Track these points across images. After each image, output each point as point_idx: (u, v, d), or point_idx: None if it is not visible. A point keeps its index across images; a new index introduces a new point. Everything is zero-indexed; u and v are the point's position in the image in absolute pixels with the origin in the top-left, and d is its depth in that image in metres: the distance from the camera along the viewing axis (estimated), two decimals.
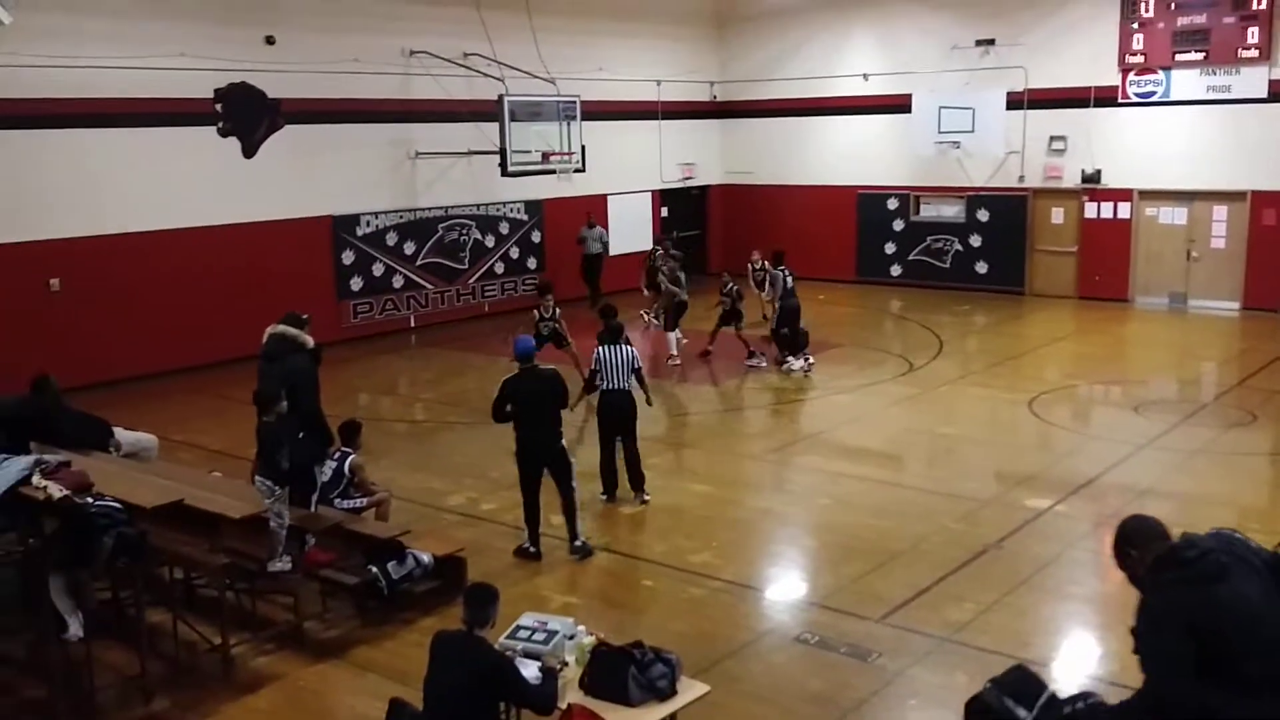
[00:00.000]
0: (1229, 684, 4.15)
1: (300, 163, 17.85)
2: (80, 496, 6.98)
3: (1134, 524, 4.65)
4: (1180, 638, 4.20)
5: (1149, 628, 4.34)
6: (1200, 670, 4.18)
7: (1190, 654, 4.18)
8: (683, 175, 24.98)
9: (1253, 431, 12.90)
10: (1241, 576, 4.25)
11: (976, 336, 19.16)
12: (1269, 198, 19.51)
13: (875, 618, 8.05)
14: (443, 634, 5.53)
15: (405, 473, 11.35)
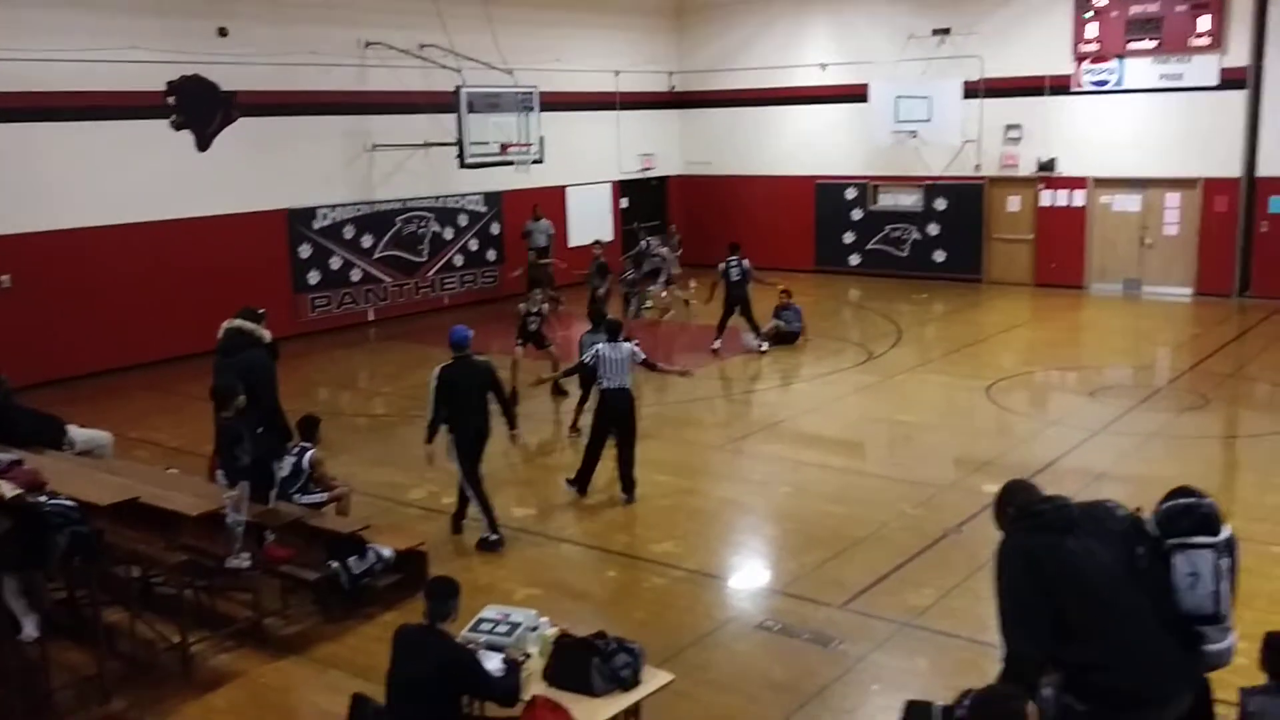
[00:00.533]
0: (1068, 634, 4.37)
1: (255, 156, 17.65)
2: (33, 495, 6.87)
3: (1013, 484, 5.02)
4: (1036, 594, 4.45)
5: (997, 571, 4.65)
6: (1056, 632, 4.37)
7: (1047, 612, 4.39)
8: (642, 166, 24.97)
9: (1205, 415, 13.11)
10: (1092, 535, 4.51)
11: (935, 324, 19.31)
12: (1220, 185, 19.81)
13: (837, 604, 8.11)
14: (405, 628, 5.51)
15: (366, 467, 11.28)
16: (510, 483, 11.22)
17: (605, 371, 10.19)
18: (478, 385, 9.42)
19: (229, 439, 7.86)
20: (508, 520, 10.05)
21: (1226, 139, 19.57)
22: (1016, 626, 4.46)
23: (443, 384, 9.30)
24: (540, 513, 10.28)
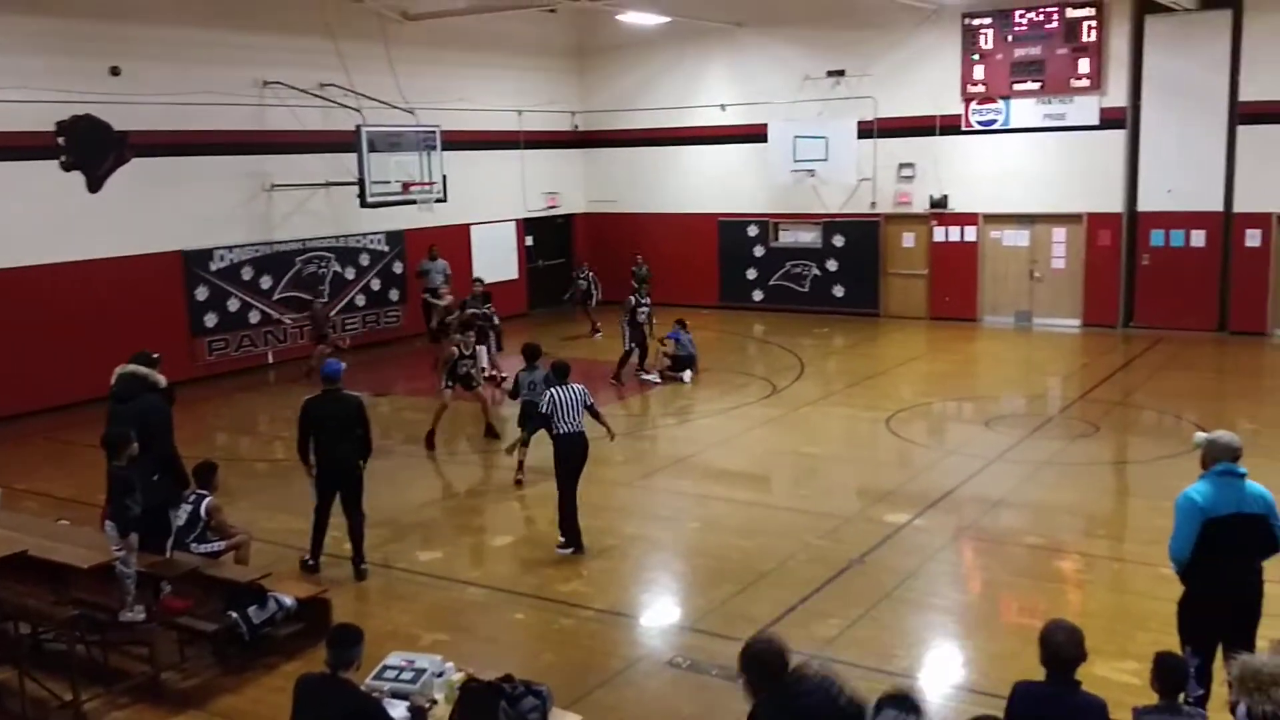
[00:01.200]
0: None
1: (149, 197, 17.26)
2: None
3: (758, 649, 4.71)
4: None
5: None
6: None
7: None
8: (547, 204, 25.04)
9: (1096, 442, 13.55)
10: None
11: (836, 358, 19.67)
12: (1103, 219, 20.60)
13: (746, 638, 8.13)
14: (306, 678, 5.39)
15: (266, 513, 11.03)
16: (416, 526, 11.08)
17: (560, 416, 9.93)
18: (342, 420, 9.48)
19: (120, 488, 7.63)
20: (413, 565, 9.93)
21: (1108, 176, 20.40)
22: None
23: (305, 416, 9.53)
24: (446, 556, 10.17)
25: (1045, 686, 4.79)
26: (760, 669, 4.50)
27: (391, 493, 12.29)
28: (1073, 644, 4.78)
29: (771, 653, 4.54)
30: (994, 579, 9.44)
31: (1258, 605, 6.17)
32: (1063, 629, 4.83)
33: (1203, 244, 19.88)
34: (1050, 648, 4.80)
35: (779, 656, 4.53)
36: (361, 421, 9.59)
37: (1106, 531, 10.66)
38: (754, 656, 4.53)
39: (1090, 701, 4.76)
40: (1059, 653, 4.78)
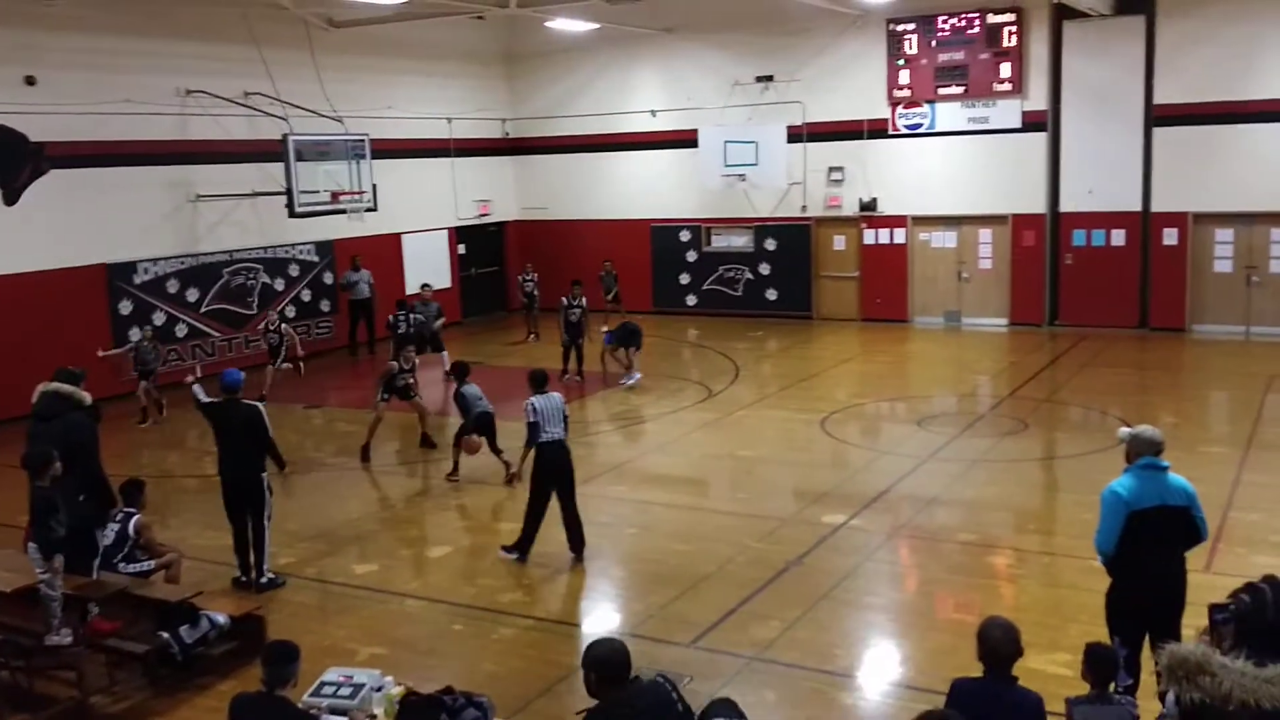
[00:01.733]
0: None
1: (69, 209, 16.86)
2: None
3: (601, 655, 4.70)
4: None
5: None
6: None
7: None
8: (479, 212, 24.92)
9: (1025, 439, 13.81)
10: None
11: (770, 361, 19.81)
12: (1028, 220, 21.02)
13: (686, 642, 8.18)
14: (241, 697, 5.30)
15: (197, 531, 10.82)
16: (351, 539, 10.95)
17: (544, 424, 9.73)
18: (237, 428, 9.45)
19: (44, 509, 7.43)
20: (349, 578, 9.81)
21: (1031, 177, 20.83)
22: None
23: (213, 426, 9.65)
24: (382, 568, 10.05)
25: (983, 683, 4.86)
26: (603, 670, 4.54)
27: (326, 505, 12.14)
28: (1009, 641, 4.86)
29: (616, 656, 4.59)
30: (929, 576, 9.57)
31: (1182, 595, 6.33)
32: (999, 626, 4.91)
33: (1123, 243, 20.37)
34: (987, 645, 4.87)
35: (623, 660, 4.58)
36: (259, 431, 9.50)
37: (1037, 526, 10.87)
38: (598, 659, 4.57)
39: (1027, 696, 4.84)
40: (996, 650, 4.85)
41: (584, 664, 4.61)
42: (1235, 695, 3.25)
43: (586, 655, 4.62)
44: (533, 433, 9.74)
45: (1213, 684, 3.30)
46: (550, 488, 9.81)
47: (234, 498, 9.57)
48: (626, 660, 4.59)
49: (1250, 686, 3.24)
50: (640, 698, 4.53)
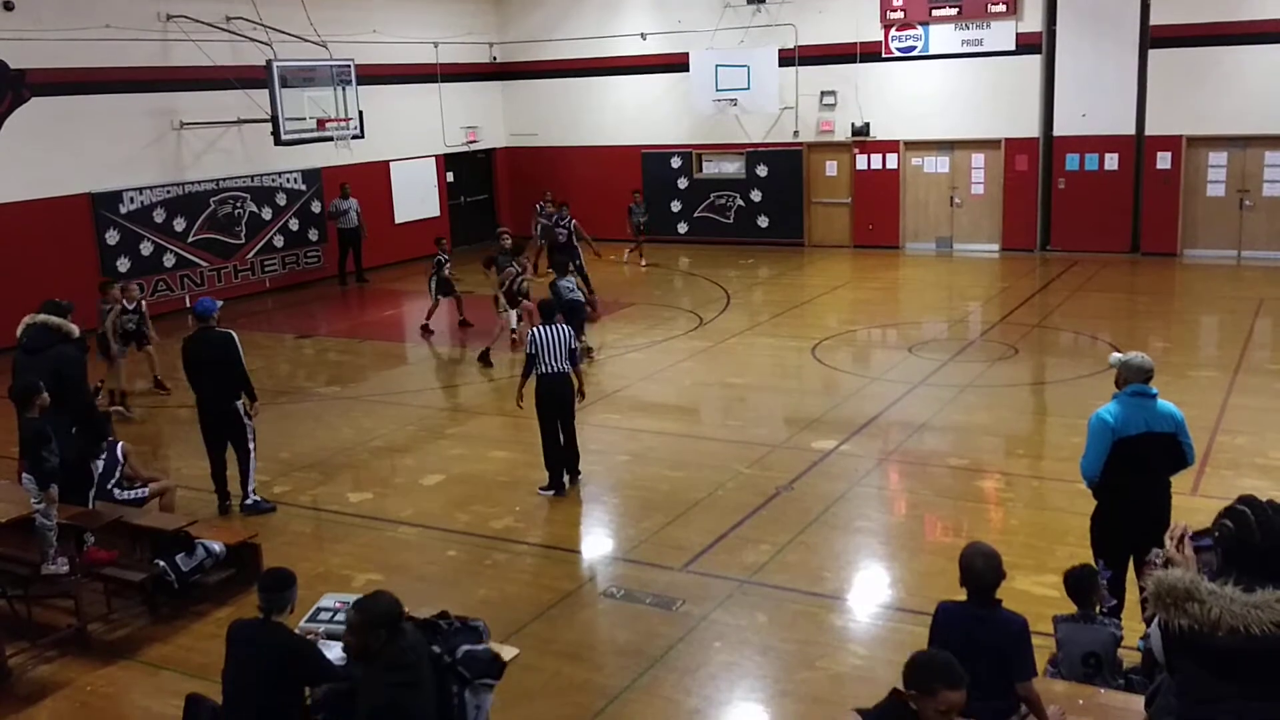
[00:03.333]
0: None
1: (52, 138, 16.63)
2: None
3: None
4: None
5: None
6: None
7: None
8: (467, 139, 24.64)
9: (1015, 364, 13.86)
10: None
11: (761, 288, 19.78)
12: (1020, 145, 20.87)
13: (678, 567, 8.27)
14: (239, 623, 5.36)
15: (192, 460, 10.83)
16: (345, 467, 11.00)
17: (543, 355, 9.68)
18: (212, 359, 9.43)
19: (35, 440, 7.44)
20: (343, 506, 9.88)
21: (1025, 101, 20.63)
22: None
23: (184, 355, 9.60)
24: (376, 496, 10.12)
25: (967, 607, 4.91)
26: (391, 621, 4.81)
27: (319, 435, 12.17)
28: (990, 569, 4.89)
29: (398, 606, 4.88)
30: (918, 500, 9.66)
31: (1166, 519, 6.39)
32: (981, 554, 4.93)
33: (1116, 167, 20.25)
34: (970, 573, 4.90)
35: (398, 610, 4.87)
36: (231, 359, 9.45)
37: (1026, 451, 10.95)
38: (387, 613, 4.83)
39: (1010, 618, 4.91)
40: (980, 577, 4.89)
41: (370, 622, 4.78)
42: (1224, 621, 3.28)
43: (370, 611, 4.82)
44: (528, 363, 9.74)
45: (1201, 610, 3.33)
46: (550, 417, 9.83)
47: (211, 427, 9.61)
48: (401, 610, 4.91)
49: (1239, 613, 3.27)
50: (414, 649, 4.88)
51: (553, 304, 10.22)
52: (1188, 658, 3.44)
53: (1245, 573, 3.37)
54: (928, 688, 3.98)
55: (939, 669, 4.04)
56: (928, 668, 4.06)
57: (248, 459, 9.61)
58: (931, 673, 4.03)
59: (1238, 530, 3.45)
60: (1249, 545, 3.43)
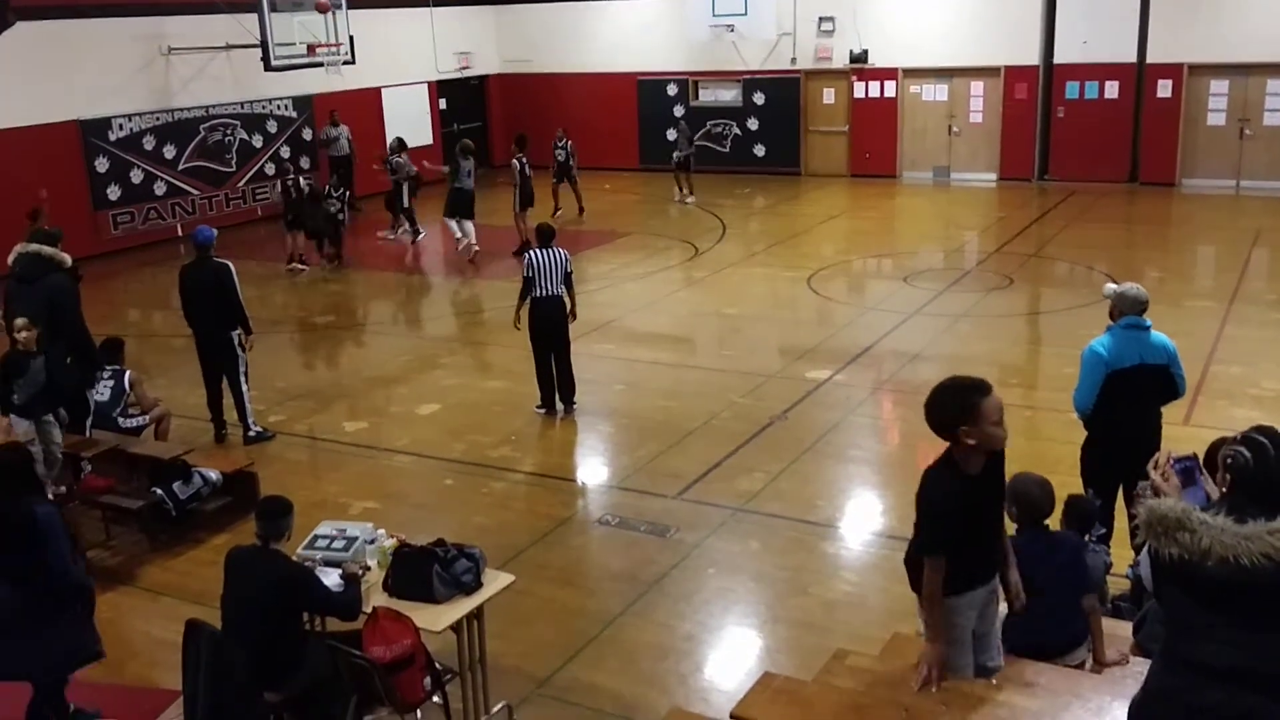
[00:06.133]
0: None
1: (37, 64, 16.37)
2: None
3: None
4: None
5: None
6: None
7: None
8: (459, 65, 24.29)
9: (1010, 294, 13.85)
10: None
11: (757, 218, 19.67)
12: (1020, 73, 20.63)
13: (672, 494, 8.33)
14: (237, 550, 5.39)
15: (186, 389, 10.83)
16: (340, 397, 11.02)
17: (539, 278, 9.63)
18: (206, 288, 9.40)
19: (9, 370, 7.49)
20: (339, 435, 9.92)
21: (1025, 28, 20.34)
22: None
23: (180, 284, 9.63)
24: (372, 426, 10.15)
25: (1023, 538, 4.90)
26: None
27: (313, 364, 12.17)
28: (1047, 495, 4.96)
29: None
30: (912, 430, 9.68)
31: (1156, 447, 6.43)
32: (1036, 483, 4.94)
33: (1116, 96, 20.05)
34: (1026, 502, 4.91)
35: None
36: (227, 289, 9.39)
37: (1019, 380, 10.98)
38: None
39: (1066, 537, 5.04)
40: (1037, 507, 4.93)
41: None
42: (1215, 551, 3.30)
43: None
44: (525, 286, 9.71)
45: (1192, 540, 3.35)
46: (544, 341, 9.84)
47: (207, 356, 9.62)
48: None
49: (1229, 543, 3.29)
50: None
51: (550, 228, 10.13)
52: (1176, 586, 3.47)
53: (1254, 501, 3.37)
54: (969, 406, 4.07)
55: (963, 385, 4.16)
56: (954, 391, 4.18)
57: (240, 390, 9.62)
58: (961, 392, 4.15)
59: (1256, 460, 3.43)
60: (1265, 476, 3.41)
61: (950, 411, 4.11)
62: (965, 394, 4.07)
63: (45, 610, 5.19)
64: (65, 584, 5.23)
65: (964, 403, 4.05)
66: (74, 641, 5.32)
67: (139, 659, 6.51)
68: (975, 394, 4.06)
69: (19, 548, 5.12)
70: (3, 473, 5.25)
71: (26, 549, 5.11)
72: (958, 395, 4.11)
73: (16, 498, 5.20)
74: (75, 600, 5.33)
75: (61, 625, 5.26)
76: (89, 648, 5.39)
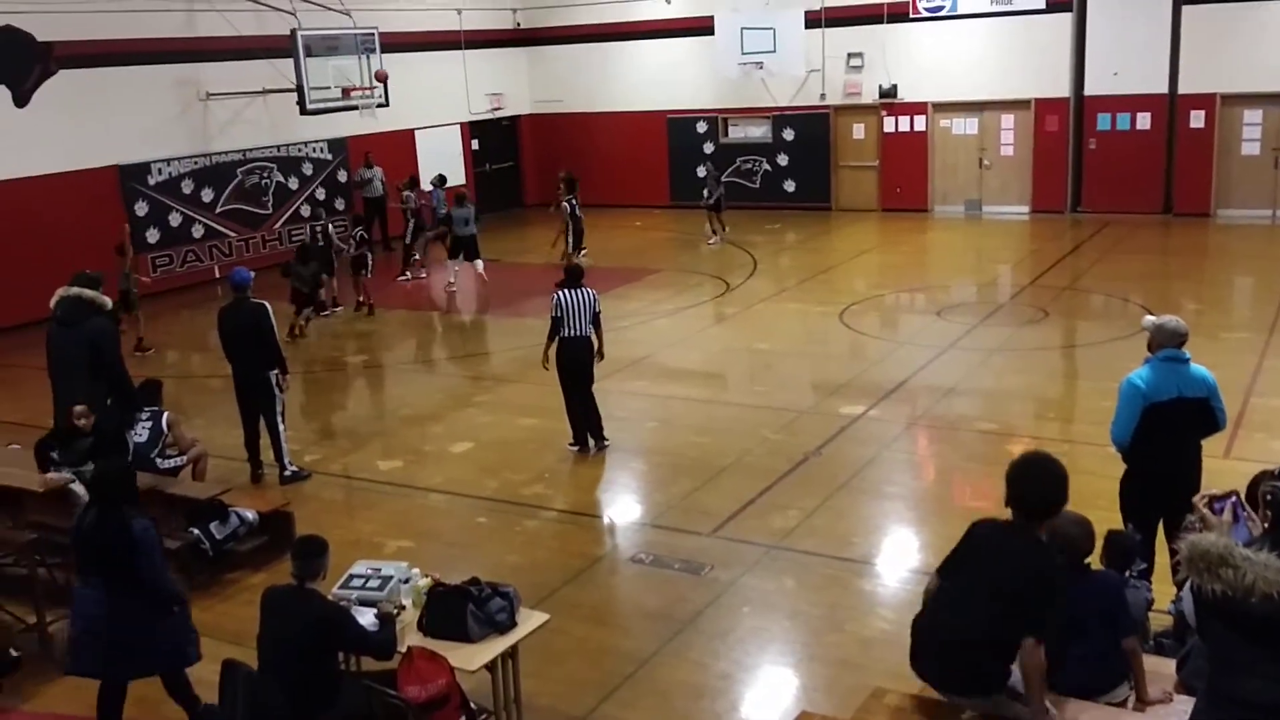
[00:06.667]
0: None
1: (80, 110, 16.70)
2: None
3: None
4: None
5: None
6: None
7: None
8: (491, 106, 24.56)
9: (1045, 327, 13.75)
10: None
11: (788, 253, 19.68)
12: (1051, 105, 20.59)
13: (706, 532, 8.30)
14: (273, 590, 5.42)
15: (223, 429, 10.93)
16: (374, 436, 11.09)
17: (567, 318, 9.68)
18: (244, 329, 9.53)
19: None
20: (374, 474, 9.96)
21: (1055, 61, 20.33)
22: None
23: (219, 326, 9.77)
24: (406, 464, 10.19)
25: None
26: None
27: (348, 403, 12.26)
28: (1087, 535, 4.93)
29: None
30: (947, 465, 9.63)
31: (1197, 482, 6.34)
32: (1075, 522, 4.90)
33: (1148, 126, 19.96)
34: (1066, 542, 4.86)
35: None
36: (264, 330, 9.50)
37: (1056, 414, 10.88)
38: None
39: (1107, 577, 5.01)
40: (1077, 546, 4.89)
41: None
42: (1258, 588, 3.26)
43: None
44: (553, 326, 9.74)
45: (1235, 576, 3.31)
46: (571, 381, 9.87)
47: (244, 395, 9.73)
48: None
49: (1273, 579, 3.24)
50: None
51: (578, 268, 10.17)
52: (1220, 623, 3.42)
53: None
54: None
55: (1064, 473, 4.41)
56: (1062, 476, 4.45)
57: (276, 430, 9.69)
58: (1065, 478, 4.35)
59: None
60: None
61: (1063, 494, 4.23)
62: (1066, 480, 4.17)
63: (139, 616, 5.59)
64: (156, 594, 5.62)
65: (1066, 490, 4.08)
66: (166, 646, 5.70)
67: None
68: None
69: (117, 557, 5.53)
70: (105, 484, 5.77)
71: (124, 559, 5.51)
72: (1064, 480, 4.23)
73: (117, 509, 5.62)
74: (167, 608, 5.71)
75: (155, 631, 5.66)
76: (182, 651, 5.78)
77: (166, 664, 5.78)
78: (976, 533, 4.67)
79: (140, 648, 5.62)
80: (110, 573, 5.57)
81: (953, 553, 4.69)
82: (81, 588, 5.74)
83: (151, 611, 5.62)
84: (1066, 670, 4.63)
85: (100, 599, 5.60)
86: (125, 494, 5.74)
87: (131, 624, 5.57)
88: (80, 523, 5.77)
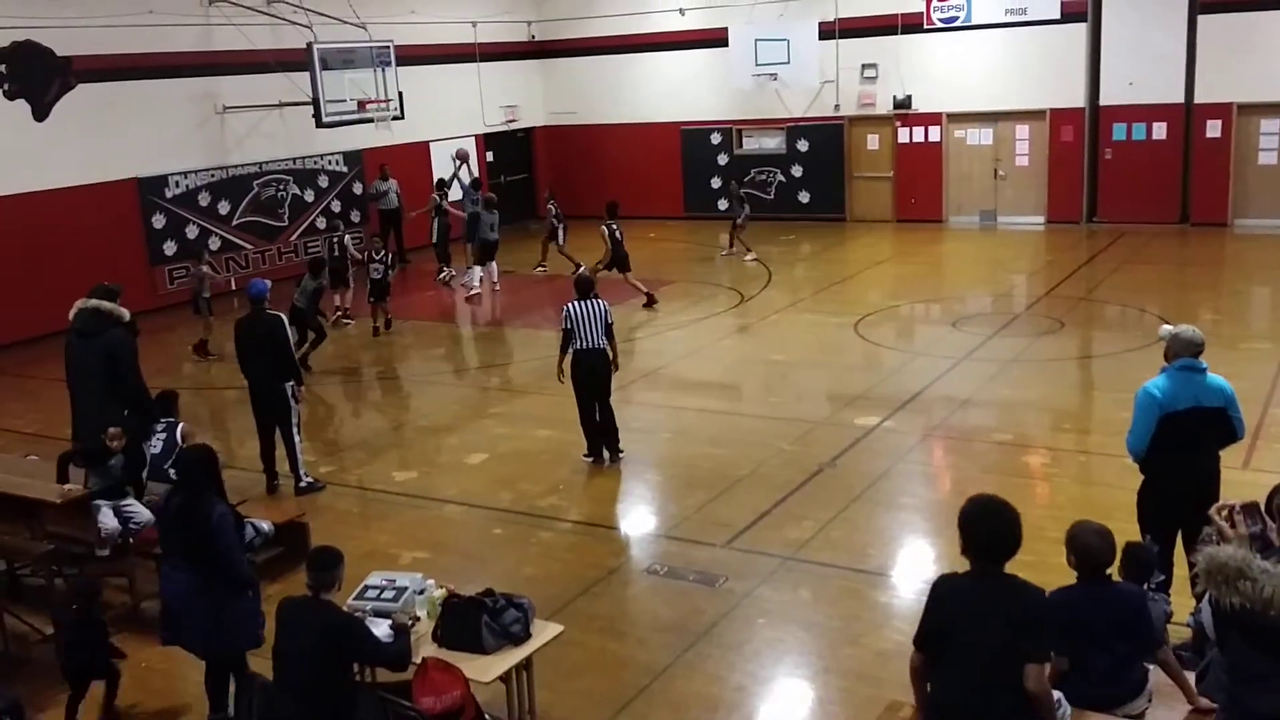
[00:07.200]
0: None
1: (98, 124, 16.83)
2: None
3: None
4: None
5: None
6: None
7: None
8: (506, 118, 24.65)
9: (1061, 338, 13.70)
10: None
11: (803, 264, 19.66)
12: (1066, 115, 20.54)
13: (721, 543, 8.28)
14: (288, 601, 5.43)
15: (239, 440, 11.01)
16: (389, 447, 11.11)
17: (579, 330, 9.67)
18: (260, 340, 9.59)
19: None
20: (389, 485, 9.98)
21: (1070, 70, 20.29)
22: None
23: (235, 337, 9.85)
24: (421, 475, 10.21)
25: (1081, 589, 4.84)
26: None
27: (364, 414, 12.29)
28: (1108, 546, 4.86)
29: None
30: (963, 476, 9.59)
31: (1215, 493, 6.30)
32: (1095, 533, 4.85)
33: (1164, 136, 19.89)
34: (1086, 553, 4.83)
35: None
36: (279, 342, 9.58)
37: (1072, 425, 10.83)
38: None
39: (1129, 590, 4.95)
40: (1097, 557, 4.84)
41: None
42: (1276, 600, 3.24)
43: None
44: (565, 338, 9.76)
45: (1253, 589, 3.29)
46: (586, 392, 9.87)
47: (260, 406, 9.77)
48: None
49: None
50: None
51: (588, 279, 10.18)
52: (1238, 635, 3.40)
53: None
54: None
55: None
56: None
57: (292, 441, 9.73)
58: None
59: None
60: None
61: (1019, 536, 4.12)
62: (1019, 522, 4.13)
63: (218, 595, 5.85)
64: (231, 576, 5.87)
65: (1020, 531, 4.09)
66: (240, 625, 5.93)
67: (192, 710, 6.54)
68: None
69: (198, 541, 5.82)
70: (191, 467, 6.09)
71: (204, 542, 5.80)
72: (1018, 522, 4.14)
73: (200, 493, 5.92)
74: (242, 590, 5.95)
75: (231, 610, 5.89)
76: (252, 633, 6.00)
77: (247, 642, 6.00)
78: (941, 593, 4.34)
79: (223, 623, 5.87)
80: (192, 554, 5.86)
81: (925, 621, 4.33)
82: (168, 568, 6.12)
83: (228, 593, 5.87)
84: (1087, 682, 4.60)
85: (184, 579, 5.91)
86: (207, 479, 5.99)
87: (213, 602, 5.84)
88: (166, 506, 6.18)
